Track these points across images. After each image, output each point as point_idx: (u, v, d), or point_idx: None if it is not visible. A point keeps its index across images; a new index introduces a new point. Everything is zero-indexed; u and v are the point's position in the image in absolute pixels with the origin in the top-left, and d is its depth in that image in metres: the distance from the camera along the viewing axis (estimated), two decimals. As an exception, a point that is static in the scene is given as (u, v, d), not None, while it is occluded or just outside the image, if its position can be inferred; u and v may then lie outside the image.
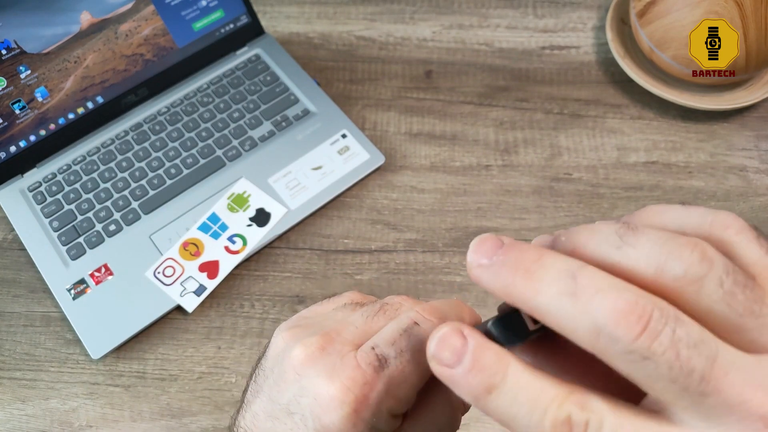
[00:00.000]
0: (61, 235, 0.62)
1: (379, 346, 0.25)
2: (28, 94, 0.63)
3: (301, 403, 0.25)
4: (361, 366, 0.25)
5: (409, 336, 0.25)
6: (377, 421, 0.25)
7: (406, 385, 0.25)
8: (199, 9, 0.69)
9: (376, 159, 0.67)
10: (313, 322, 0.29)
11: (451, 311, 0.28)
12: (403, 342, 0.25)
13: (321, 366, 0.25)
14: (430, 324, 0.26)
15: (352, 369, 0.24)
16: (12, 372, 0.58)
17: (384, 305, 0.28)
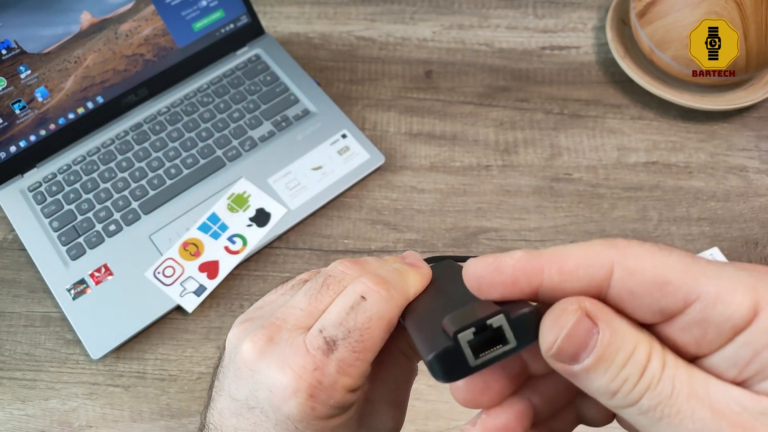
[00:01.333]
0: (61, 235, 0.62)
1: (326, 329, 0.25)
2: (28, 94, 0.63)
3: (258, 397, 0.25)
4: (310, 351, 0.25)
5: (356, 313, 0.25)
6: (335, 400, 0.25)
7: (358, 362, 0.25)
8: (199, 9, 0.69)
9: (376, 159, 0.67)
10: (262, 312, 0.29)
11: (398, 279, 0.27)
12: (350, 321, 0.25)
13: (271, 358, 0.25)
14: (377, 296, 0.25)
15: (302, 356, 0.24)
16: (12, 372, 0.58)
17: (327, 278, 0.28)
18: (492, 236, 0.63)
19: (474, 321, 0.19)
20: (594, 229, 0.64)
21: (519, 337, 0.20)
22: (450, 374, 0.20)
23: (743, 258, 0.61)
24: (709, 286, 0.17)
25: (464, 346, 0.19)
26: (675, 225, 0.64)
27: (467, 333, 0.19)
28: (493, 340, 0.20)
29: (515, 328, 0.20)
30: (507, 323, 0.19)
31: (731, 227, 0.63)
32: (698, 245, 0.62)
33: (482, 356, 0.20)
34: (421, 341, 0.22)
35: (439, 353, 0.20)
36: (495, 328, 0.20)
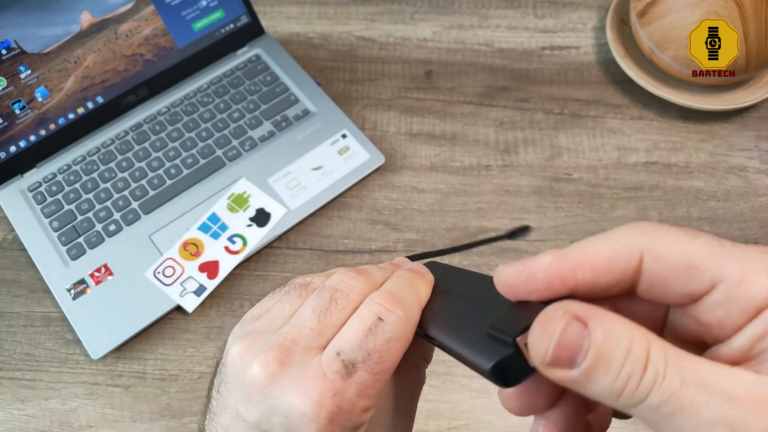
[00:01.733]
0: (61, 235, 0.62)
1: (344, 351, 0.24)
2: (28, 94, 0.63)
3: (272, 422, 0.24)
4: (329, 376, 0.24)
5: (375, 336, 0.25)
6: (353, 422, 0.24)
7: (377, 384, 0.24)
8: (199, 9, 0.69)
9: (376, 159, 0.67)
10: (264, 326, 0.27)
11: (410, 293, 0.27)
12: (369, 344, 0.24)
13: (285, 382, 0.24)
14: (395, 317, 0.25)
15: (320, 381, 0.24)
16: (12, 372, 0.58)
17: (334, 293, 0.27)
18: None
19: (529, 323, 0.19)
20: (594, 229, 0.63)
21: None
22: (512, 380, 0.20)
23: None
24: (734, 267, 0.18)
25: (524, 350, 0.20)
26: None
27: (523, 337, 0.20)
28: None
29: None
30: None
31: (731, 227, 0.63)
32: (698, 245, 0.62)
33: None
34: (471, 353, 0.21)
35: (501, 361, 0.20)
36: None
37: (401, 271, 0.29)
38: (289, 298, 0.28)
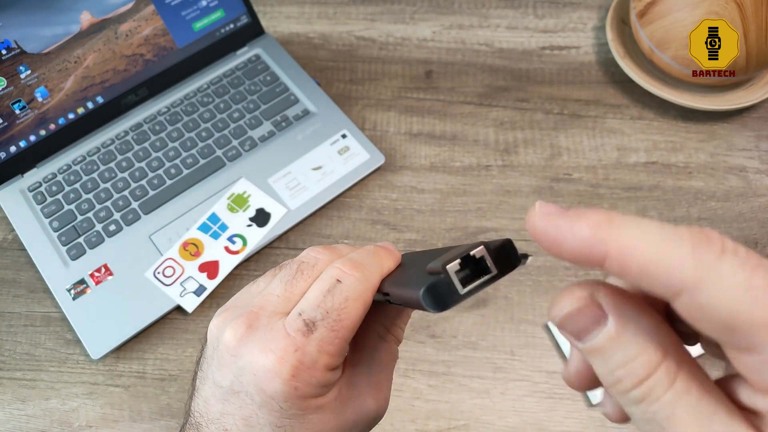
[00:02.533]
0: (61, 235, 0.62)
1: (305, 312, 0.26)
2: (28, 94, 0.63)
3: (242, 381, 0.26)
4: (290, 334, 0.26)
5: (333, 295, 0.27)
6: (317, 378, 0.26)
7: (337, 341, 0.26)
8: (199, 9, 0.69)
9: (376, 159, 0.67)
10: (239, 301, 0.30)
11: (371, 260, 0.28)
12: (327, 303, 0.26)
13: (252, 343, 0.26)
14: (352, 278, 0.27)
15: (282, 339, 0.26)
16: (12, 372, 0.58)
17: (301, 264, 0.29)
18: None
19: (459, 253, 0.22)
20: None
21: (500, 265, 0.22)
22: (442, 304, 0.22)
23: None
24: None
25: (453, 276, 0.22)
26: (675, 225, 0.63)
27: (454, 265, 0.22)
28: (476, 273, 0.22)
29: (496, 258, 0.22)
30: (487, 254, 0.22)
31: (731, 227, 0.63)
32: (698, 245, 0.62)
33: (469, 285, 0.22)
34: (408, 289, 0.23)
35: (430, 285, 0.22)
36: (477, 258, 0.22)
37: (368, 246, 0.30)
38: (264, 278, 0.31)
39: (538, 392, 0.56)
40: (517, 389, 0.56)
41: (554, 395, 0.56)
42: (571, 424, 0.54)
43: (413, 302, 0.23)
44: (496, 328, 0.59)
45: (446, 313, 0.59)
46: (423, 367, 0.57)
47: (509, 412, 0.55)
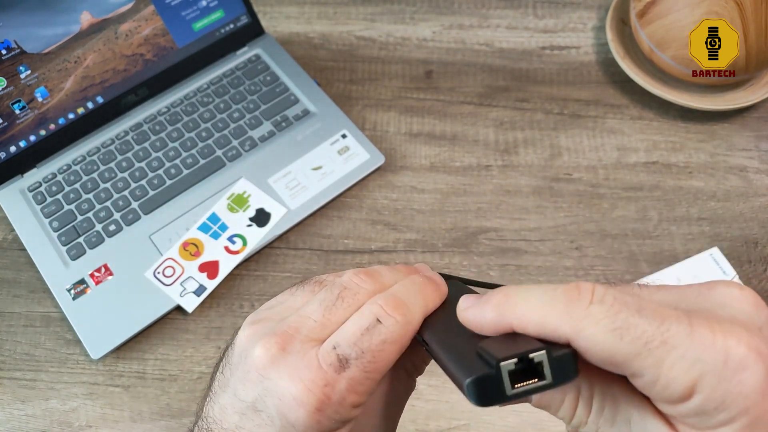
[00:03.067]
0: (61, 235, 0.62)
1: (340, 346, 0.26)
2: (28, 94, 0.63)
3: (266, 402, 0.26)
4: (323, 367, 0.25)
5: (371, 335, 0.26)
6: (340, 415, 0.26)
7: (368, 382, 0.26)
8: (199, 9, 0.69)
9: (376, 159, 0.67)
10: (274, 314, 0.29)
11: (415, 299, 0.28)
12: (364, 342, 0.26)
13: (283, 367, 0.26)
14: (392, 321, 0.26)
15: (314, 370, 0.25)
16: (12, 372, 0.58)
17: (342, 291, 0.28)
18: (492, 236, 0.64)
19: (518, 353, 0.20)
20: (594, 229, 0.64)
21: (555, 374, 0.21)
22: (485, 399, 0.21)
23: (743, 258, 0.61)
24: (651, 369, 0.20)
25: (504, 375, 0.20)
26: (675, 225, 0.64)
27: (509, 363, 0.20)
28: (527, 372, 0.21)
29: (553, 366, 0.21)
30: (547, 360, 0.20)
31: (731, 227, 0.63)
32: (698, 245, 0.62)
33: (518, 387, 0.21)
34: (455, 364, 0.22)
35: (479, 378, 0.20)
36: (536, 363, 0.21)
37: (414, 277, 0.30)
38: (302, 292, 0.30)
39: (538, 392, 0.56)
40: (517, 389, 0.56)
41: (554, 395, 0.56)
42: (571, 424, 0.54)
43: (453, 380, 0.22)
44: (496, 328, 0.59)
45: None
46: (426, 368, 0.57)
47: (509, 412, 0.55)
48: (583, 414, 0.22)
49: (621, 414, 0.22)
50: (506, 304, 0.22)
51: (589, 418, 0.22)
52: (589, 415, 0.22)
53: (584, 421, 0.22)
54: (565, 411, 0.23)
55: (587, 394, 0.22)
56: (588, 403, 0.22)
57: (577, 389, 0.22)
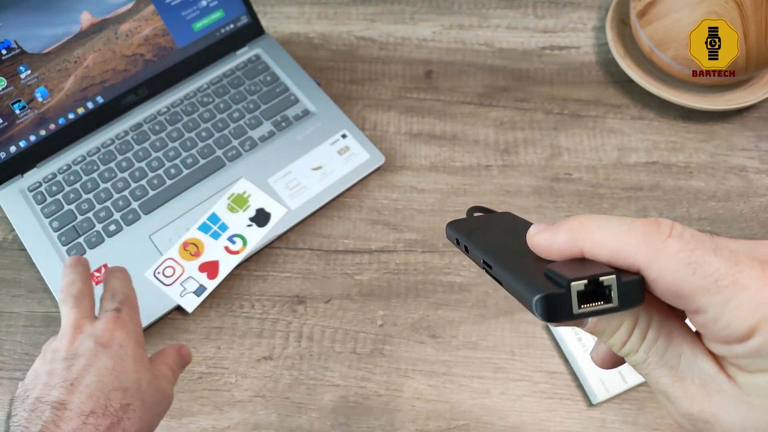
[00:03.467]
0: (61, 235, 0.62)
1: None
2: (28, 94, 0.63)
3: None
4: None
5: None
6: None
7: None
8: (199, 9, 0.69)
9: (376, 159, 0.67)
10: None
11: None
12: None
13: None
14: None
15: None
16: (12, 372, 0.58)
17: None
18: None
19: (589, 275, 0.21)
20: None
21: (622, 299, 0.21)
22: (552, 316, 0.21)
23: (743, 258, 0.61)
24: (716, 306, 0.20)
25: (573, 294, 0.21)
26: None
27: (580, 284, 0.21)
28: (594, 295, 0.22)
29: (621, 291, 0.21)
30: (616, 284, 0.21)
31: (731, 227, 0.63)
32: (698, 245, 0.62)
33: (584, 307, 0.21)
34: (523, 282, 0.23)
35: (548, 295, 0.21)
36: (605, 286, 0.21)
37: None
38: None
39: (538, 392, 0.56)
40: (517, 389, 0.56)
41: (554, 395, 0.56)
42: (571, 424, 0.54)
43: (520, 297, 0.23)
44: (496, 328, 0.59)
45: (447, 313, 0.59)
46: (423, 367, 0.57)
47: (509, 412, 0.55)
48: (636, 342, 0.23)
49: (673, 348, 0.22)
50: (581, 228, 0.23)
51: (641, 347, 0.23)
52: (641, 344, 0.23)
53: (635, 350, 0.23)
54: (619, 337, 0.23)
55: (644, 324, 0.23)
56: (643, 332, 0.23)
57: (635, 318, 0.23)
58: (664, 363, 0.23)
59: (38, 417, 0.37)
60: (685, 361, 0.22)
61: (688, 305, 0.21)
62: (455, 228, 0.32)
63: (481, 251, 0.28)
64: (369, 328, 0.59)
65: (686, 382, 0.22)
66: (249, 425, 0.55)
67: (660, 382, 0.23)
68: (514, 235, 0.28)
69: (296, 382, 0.57)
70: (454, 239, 0.31)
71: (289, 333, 0.59)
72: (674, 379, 0.22)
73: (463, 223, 0.33)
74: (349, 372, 0.57)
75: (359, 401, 0.56)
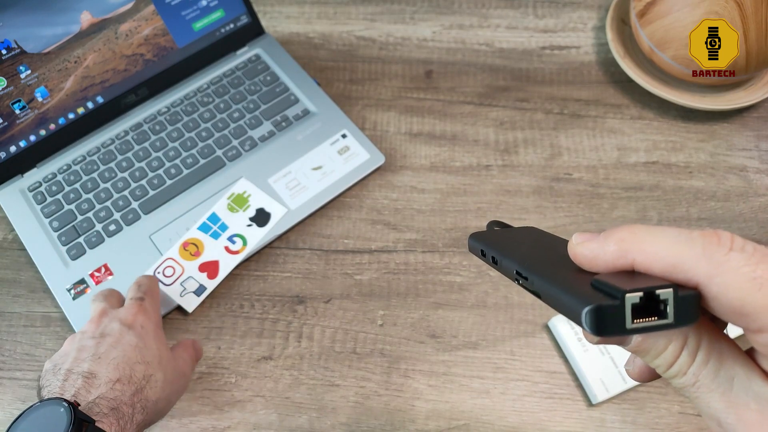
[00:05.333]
0: (61, 235, 0.62)
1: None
2: (28, 94, 0.63)
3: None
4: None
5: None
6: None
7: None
8: (199, 9, 0.69)
9: (376, 159, 0.67)
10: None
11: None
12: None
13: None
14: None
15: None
16: (12, 372, 0.58)
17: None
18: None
19: (645, 288, 0.20)
20: (594, 229, 0.63)
21: (678, 315, 0.20)
22: (602, 329, 0.20)
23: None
24: None
25: (628, 307, 0.20)
26: (675, 225, 0.64)
27: (635, 296, 0.20)
28: (648, 309, 0.20)
29: (677, 306, 0.20)
30: (673, 299, 0.20)
31: (731, 227, 0.63)
32: (698, 245, 0.62)
33: (638, 322, 0.20)
34: (569, 294, 0.22)
35: (600, 307, 0.20)
36: (660, 300, 0.20)
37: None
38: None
39: (538, 392, 0.56)
40: (517, 389, 0.56)
41: (554, 395, 0.56)
42: (571, 424, 0.54)
43: (567, 309, 0.21)
44: (496, 328, 0.59)
45: (447, 313, 0.59)
46: (423, 367, 0.57)
47: (509, 412, 0.55)
48: (685, 364, 0.22)
49: (725, 370, 0.21)
50: (633, 239, 0.21)
51: (690, 369, 0.21)
52: (690, 366, 0.21)
53: (683, 371, 0.22)
54: (666, 358, 0.22)
55: (693, 344, 0.21)
56: (693, 352, 0.21)
57: (684, 337, 0.22)
58: (716, 386, 0.21)
59: (71, 385, 0.42)
60: (739, 385, 0.21)
61: (751, 324, 0.20)
62: (480, 239, 0.31)
63: (514, 262, 0.26)
64: (369, 328, 0.59)
65: (741, 407, 0.21)
66: (249, 425, 0.55)
67: (711, 407, 0.21)
68: (544, 246, 0.27)
69: (296, 382, 0.57)
70: (478, 251, 0.30)
71: (289, 333, 0.59)
72: (727, 404, 0.21)
73: (487, 235, 0.32)
74: (349, 372, 0.57)
75: (359, 401, 0.56)
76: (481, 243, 0.30)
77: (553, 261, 0.25)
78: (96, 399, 0.41)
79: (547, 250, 0.27)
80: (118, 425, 0.41)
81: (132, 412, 0.42)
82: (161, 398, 0.46)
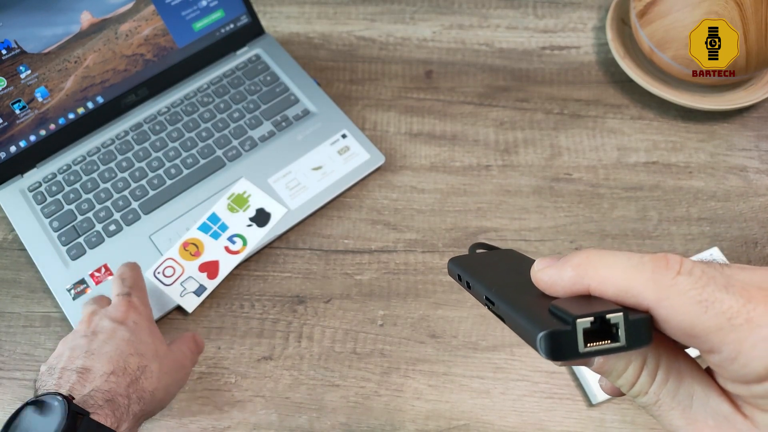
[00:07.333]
0: (61, 235, 0.62)
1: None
2: (28, 94, 0.63)
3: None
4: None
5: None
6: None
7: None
8: (199, 9, 0.69)
9: (376, 159, 0.67)
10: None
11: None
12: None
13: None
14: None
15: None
16: (12, 372, 0.58)
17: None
18: (492, 236, 0.64)
19: (595, 312, 0.21)
20: (594, 229, 0.64)
21: (629, 338, 0.21)
22: (556, 354, 0.21)
23: (743, 258, 0.61)
24: (730, 345, 0.20)
25: (579, 332, 0.20)
26: (675, 225, 0.64)
27: (585, 321, 0.21)
28: (600, 333, 0.21)
29: (628, 329, 0.21)
30: (623, 323, 0.21)
31: (731, 227, 0.63)
32: (698, 245, 0.62)
33: (591, 346, 0.21)
34: (527, 319, 0.22)
35: (553, 332, 0.20)
36: (612, 324, 0.21)
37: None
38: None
39: (538, 392, 0.56)
40: (517, 389, 0.56)
41: (554, 395, 0.56)
42: (571, 424, 0.54)
43: (524, 335, 0.22)
44: (496, 328, 0.59)
45: (447, 313, 0.59)
46: (423, 367, 0.57)
47: (509, 412, 0.55)
48: (646, 383, 0.22)
49: (684, 388, 0.22)
50: (588, 264, 0.22)
51: (651, 389, 0.22)
52: (651, 386, 0.22)
53: (645, 391, 0.22)
54: (627, 378, 0.23)
55: (653, 364, 0.22)
56: (652, 373, 0.22)
57: (643, 358, 0.22)
58: (676, 404, 0.22)
59: (66, 381, 0.43)
60: (698, 402, 0.22)
61: (702, 345, 0.20)
62: (457, 264, 0.31)
63: (484, 287, 0.27)
64: (369, 328, 0.59)
65: (699, 423, 0.21)
66: (249, 425, 0.55)
67: (672, 424, 0.22)
68: (518, 271, 0.28)
69: (296, 382, 0.57)
70: (455, 275, 0.31)
71: (289, 333, 0.59)
72: (687, 422, 0.22)
73: (465, 259, 0.33)
74: (349, 372, 0.57)
75: (359, 401, 0.56)
76: (458, 267, 0.31)
77: (522, 286, 0.26)
78: (91, 392, 0.42)
79: (518, 274, 0.28)
80: (113, 416, 0.41)
81: (128, 403, 0.43)
82: (158, 388, 0.46)
